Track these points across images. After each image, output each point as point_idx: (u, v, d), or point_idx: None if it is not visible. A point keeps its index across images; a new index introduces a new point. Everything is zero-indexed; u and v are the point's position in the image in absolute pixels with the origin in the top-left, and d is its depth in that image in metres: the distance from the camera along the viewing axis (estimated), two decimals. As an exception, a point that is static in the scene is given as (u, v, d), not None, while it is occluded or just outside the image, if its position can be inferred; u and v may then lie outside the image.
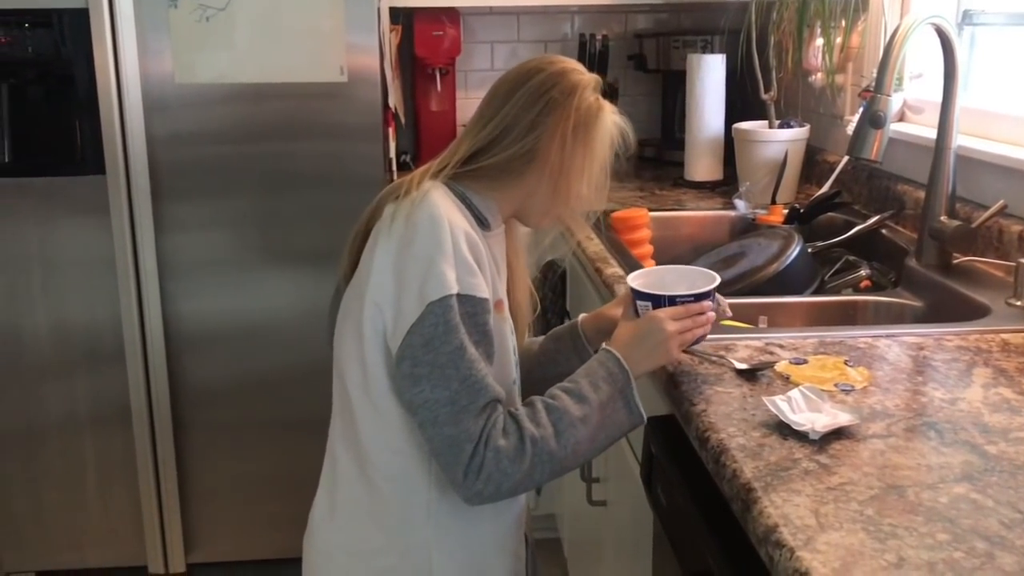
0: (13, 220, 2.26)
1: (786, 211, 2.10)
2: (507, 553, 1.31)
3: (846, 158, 2.14)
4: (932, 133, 1.71)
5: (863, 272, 1.85)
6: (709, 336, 1.29)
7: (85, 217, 2.27)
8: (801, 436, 1.03)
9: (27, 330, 2.33)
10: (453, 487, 1.14)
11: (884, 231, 1.94)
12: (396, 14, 2.68)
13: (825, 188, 2.20)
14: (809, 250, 1.87)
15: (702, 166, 2.50)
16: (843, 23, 2.11)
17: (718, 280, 1.25)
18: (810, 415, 1.06)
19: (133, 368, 2.32)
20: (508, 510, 1.29)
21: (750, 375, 1.21)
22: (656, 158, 2.94)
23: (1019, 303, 1.45)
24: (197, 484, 2.43)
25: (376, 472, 1.22)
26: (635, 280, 1.27)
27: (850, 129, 2.06)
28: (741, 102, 2.54)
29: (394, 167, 2.60)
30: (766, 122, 2.35)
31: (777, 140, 2.28)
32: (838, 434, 1.04)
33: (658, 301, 1.22)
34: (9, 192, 2.25)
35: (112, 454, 2.41)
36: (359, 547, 1.25)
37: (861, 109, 2.01)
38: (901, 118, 2.08)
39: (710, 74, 2.44)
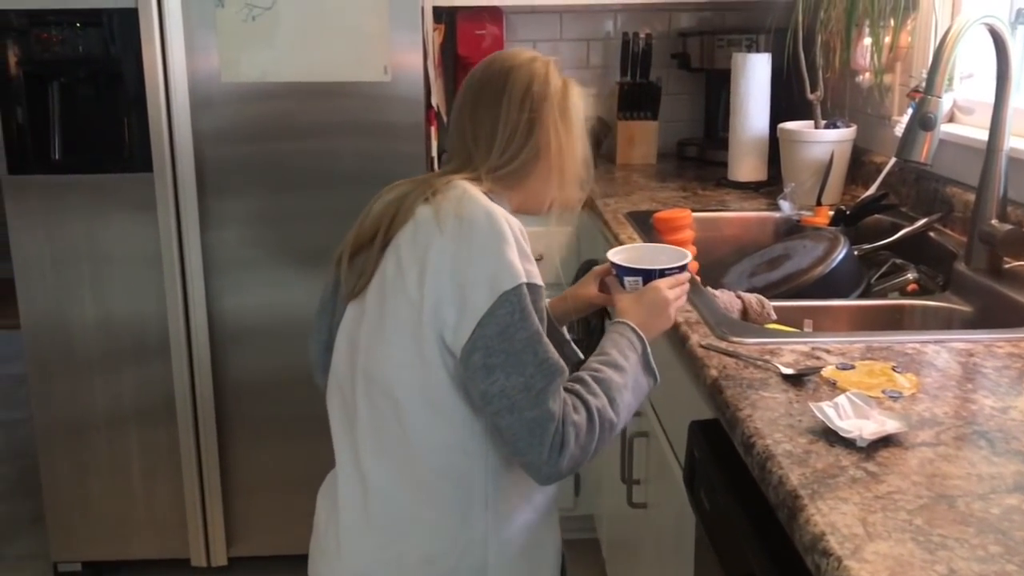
0: (63, 216, 2.30)
1: (832, 213, 2.08)
2: (553, 533, 1.38)
3: (893, 159, 2.11)
4: (983, 134, 1.68)
5: (910, 276, 1.82)
6: (754, 340, 1.33)
7: (132, 213, 2.30)
8: (848, 443, 1.02)
9: (76, 324, 2.37)
10: (530, 469, 1.19)
11: (932, 234, 1.91)
12: (439, 13, 2.69)
13: (872, 190, 2.17)
14: (855, 253, 1.85)
15: (746, 166, 2.48)
16: (892, 22, 2.08)
17: (689, 255, 1.41)
18: (857, 422, 1.04)
19: (178, 362, 2.36)
20: (551, 492, 1.35)
21: (796, 380, 1.20)
22: (699, 157, 2.92)
23: (1073, 309, 1.42)
24: (239, 478, 2.46)
25: (430, 475, 1.23)
26: (619, 257, 1.41)
27: (898, 130, 2.03)
28: (786, 101, 2.51)
29: (435, 165, 2.60)
30: (812, 122, 2.32)
31: (823, 140, 2.25)
32: (886, 442, 1.02)
33: (649, 275, 1.36)
34: (59, 189, 2.29)
35: (156, 447, 2.44)
36: (409, 558, 1.25)
37: (910, 110, 1.98)
38: (951, 119, 2.04)
39: (755, 73, 2.41)
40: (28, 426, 3.52)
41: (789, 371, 1.22)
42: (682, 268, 1.37)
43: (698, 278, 1.50)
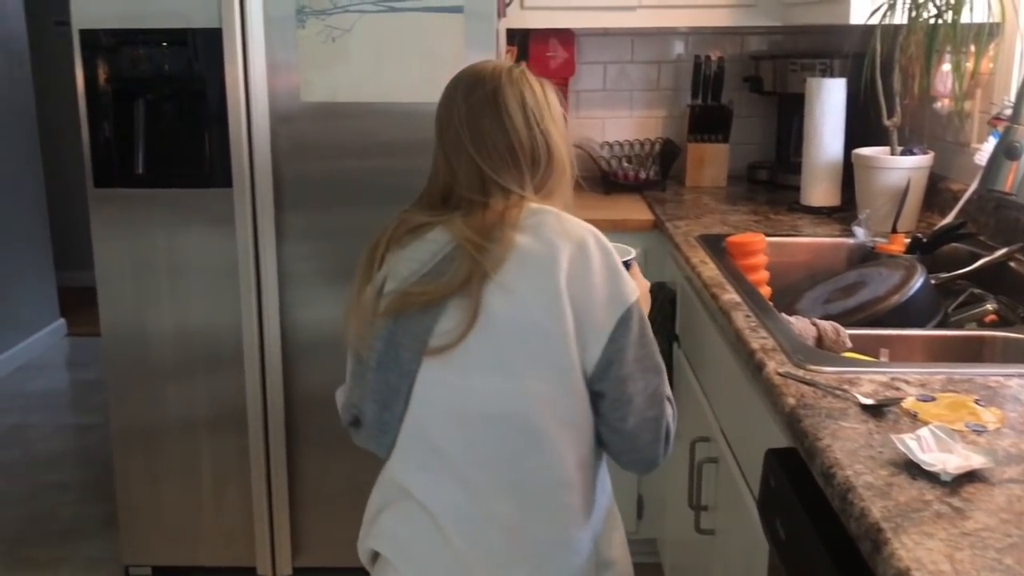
0: (144, 228, 2.37)
1: (908, 240, 2.05)
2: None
3: (972, 187, 2.07)
4: (1069, 165, 1.64)
5: (989, 306, 1.79)
6: (831, 368, 1.33)
7: (211, 227, 2.36)
8: (931, 477, 1.00)
9: (153, 333, 2.43)
10: (641, 465, 1.34)
11: (1012, 264, 1.87)
12: (512, 35, 2.72)
13: (949, 218, 2.13)
14: (932, 281, 1.82)
15: (819, 191, 2.46)
16: (973, 48, 2.05)
17: (633, 252, 1.48)
18: (941, 455, 1.03)
19: (250, 373, 2.41)
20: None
21: (876, 411, 1.19)
22: (769, 181, 2.90)
23: None
24: (307, 489, 2.50)
25: (568, 495, 1.29)
26: None
27: (978, 158, 2.00)
28: (861, 127, 2.49)
29: (506, 185, 2.63)
30: (888, 148, 2.29)
31: (899, 167, 2.22)
32: (970, 477, 1.00)
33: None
34: (141, 202, 2.36)
35: (227, 456, 2.49)
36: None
37: (991, 138, 1.95)
38: (1034, 147, 2.00)
39: (830, 98, 2.40)
40: (102, 431, 3.62)
41: (869, 401, 1.20)
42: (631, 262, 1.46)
43: (847, 338, 1.54)
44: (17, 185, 4.41)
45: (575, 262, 1.24)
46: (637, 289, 1.28)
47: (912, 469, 1.02)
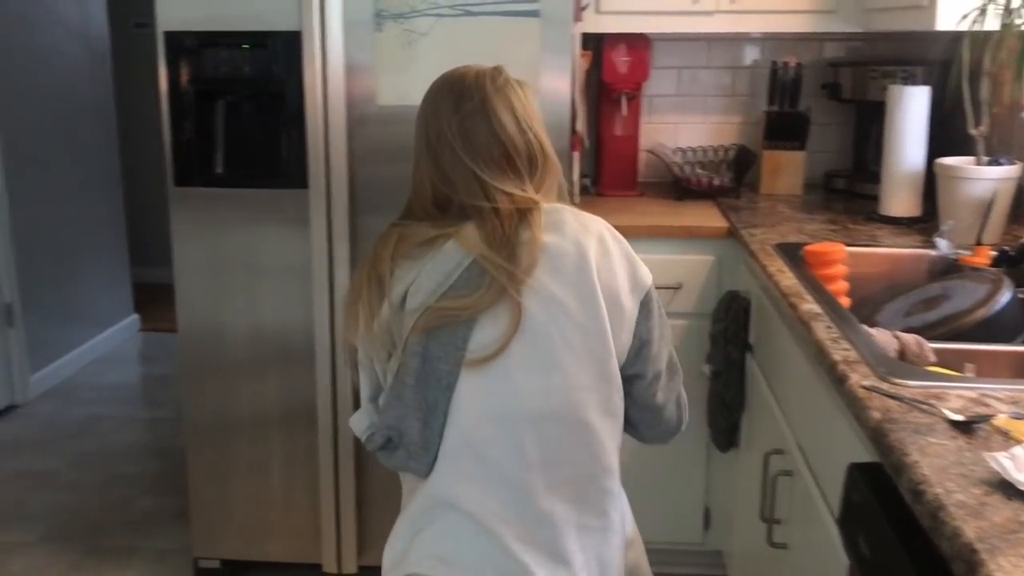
0: (222, 227, 2.42)
1: (994, 253, 1.99)
2: None
3: (1063, 199, 2.01)
4: None
5: (1080, 322, 1.73)
6: (917, 382, 1.29)
7: (286, 227, 2.40)
8: (1027, 497, 0.97)
9: (228, 329, 2.47)
10: (668, 434, 1.45)
11: (1105, 279, 1.80)
12: (586, 40, 2.71)
13: (1037, 230, 2.07)
14: (1020, 296, 1.76)
15: (899, 201, 2.40)
16: (1067, 56, 1.98)
17: None
18: (1037, 476, 0.99)
19: (321, 371, 2.43)
20: None
21: (965, 427, 1.15)
22: (847, 190, 2.85)
23: None
24: (374, 488, 2.52)
25: (608, 481, 1.34)
26: None
27: (1072, 169, 1.93)
28: (944, 136, 2.42)
29: (576, 190, 2.62)
30: (973, 158, 2.23)
31: (985, 178, 2.16)
32: (1069, 499, 0.97)
33: None
34: (220, 201, 2.40)
35: (296, 453, 2.52)
36: (612, 566, 1.38)
37: (1086, 148, 1.88)
38: None
39: (912, 106, 2.34)
40: (172, 425, 3.70)
41: (958, 417, 1.17)
42: None
43: (931, 352, 1.53)
44: (96, 183, 4.53)
45: (600, 256, 1.30)
46: (649, 272, 1.36)
47: (1007, 489, 0.99)
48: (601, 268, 1.29)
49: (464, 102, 1.34)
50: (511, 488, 1.28)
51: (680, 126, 3.06)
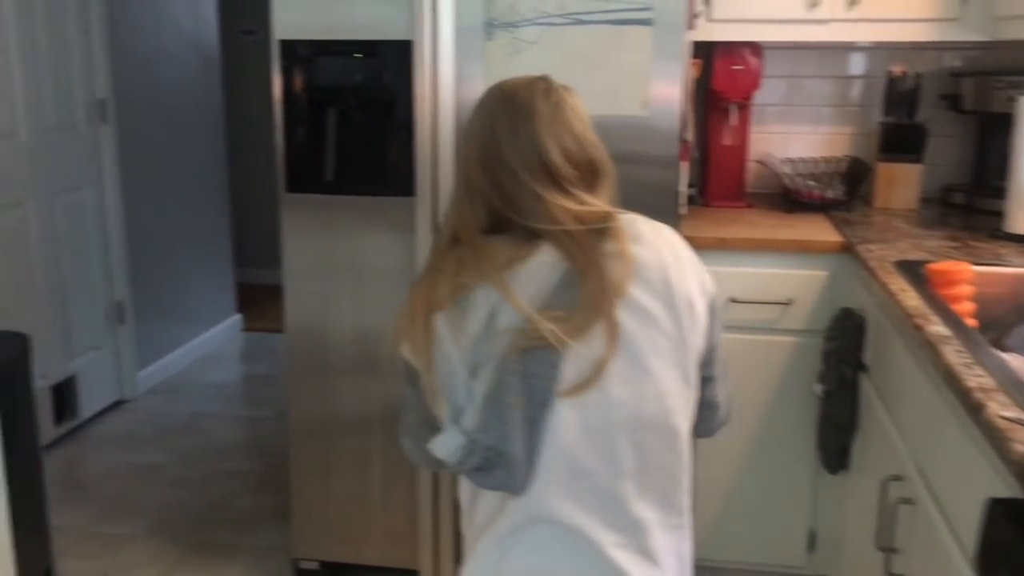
0: (330, 232, 2.45)
1: None
2: None
3: None
4: None
5: None
6: None
7: (392, 233, 2.41)
8: None
9: (333, 331, 2.50)
10: (717, 429, 1.50)
11: None
12: (696, 47, 2.66)
13: None
14: None
15: (1026, 218, 2.29)
16: None
17: None
18: None
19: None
20: None
21: (1120, 465, 1.08)
22: (967, 205, 2.74)
23: None
24: (472, 497, 2.51)
25: (686, 481, 1.35)
26: None
27: None
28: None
29: (683, 200, 2.57)
30: (1110, 174, 2.11)
31: (1124, 195, 2.04)
32: None
33: None
34: (329, 207, 2.44)
35: (396, 457, 2.53)
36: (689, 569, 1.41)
37: None
38: None
39: (1043, 118, 2.23)
40: (272, 424, 3.78)
41: (1112, 455, 1.10)
42: None
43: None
44: (205, 186, 4.66)
45: (674, 263, 1.32)
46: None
47: None
48: (678, 275, 1.31)
49: (522, 122, 1.33)
50: (606, 497, 1.28)
51: (789, 136, 2.99)
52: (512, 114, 1.34)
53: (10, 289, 3.34)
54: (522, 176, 1.31)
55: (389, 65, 2.35)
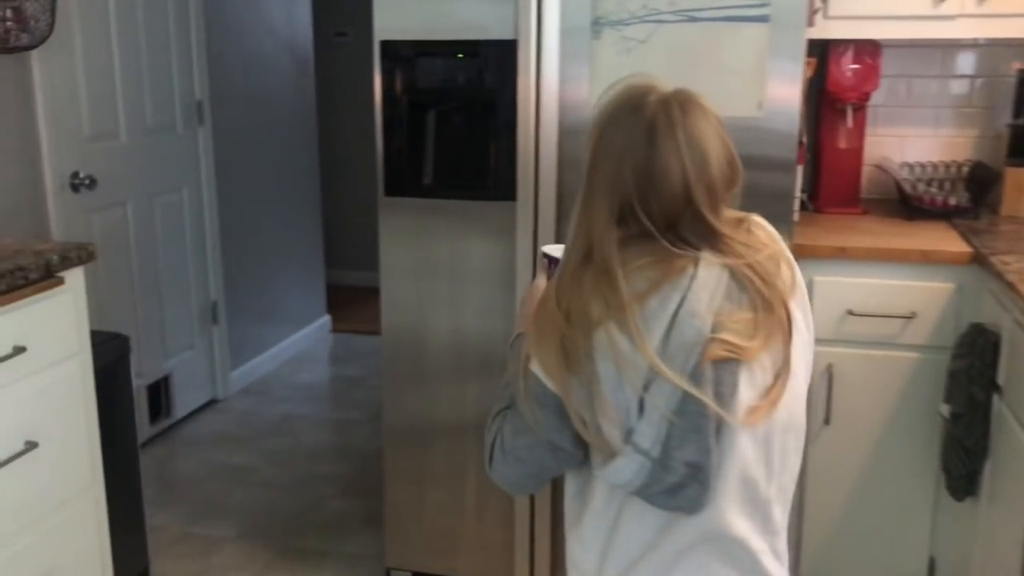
0: (429, 236, 2.40)
1: None
2: None
3: None
4: None
5: None
6: None
7: (491, 237, 2.35)
8: None
9: (430, 335, 2.45)
10: None
11: None
12: (811, 46, 2.54)
13: None
14: None
15: None
16: None
17: None
18: None
19: (521, 388, 2.37)
20: None
21: None
22: (1102, 214, 2.55)
23: None
24: (570, 512, 2.43)
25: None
26: (558, 251, 1.37)
27: None
28: None
29: (795, 206, 2.45)
30: None
31: None
32: None
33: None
34: (428, 211, 2.39)
35: (491, 468, 2.47)
36: None
37: None
38: None
39: None
40: (362, 427, 3.76)
41: None
42: None
43: None
44: (298, 188, 4.68)
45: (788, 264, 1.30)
46: None
47: None
48: (799, 273, 1.31)
49: (660, 136, 1.22)
50: (762, 505, 1.26)
51: (907, 139, 2.83)
52: (647, 125, 1.23)
53: (110, 289, 3.38)
54: (686, 196, 1.21)
55: (491, 66, 2.29)
